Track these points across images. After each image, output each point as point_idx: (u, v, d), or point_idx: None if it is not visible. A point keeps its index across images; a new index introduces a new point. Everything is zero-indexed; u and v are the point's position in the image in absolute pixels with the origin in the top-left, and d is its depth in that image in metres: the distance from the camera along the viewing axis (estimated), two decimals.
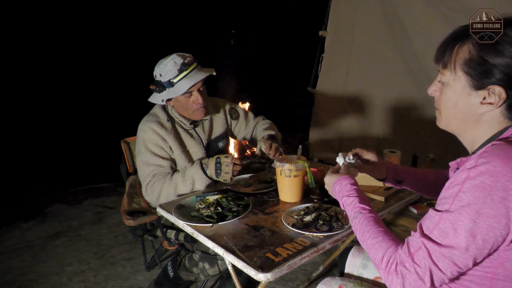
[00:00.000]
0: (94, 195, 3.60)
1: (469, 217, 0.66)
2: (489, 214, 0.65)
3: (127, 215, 1.73)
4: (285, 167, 1.35)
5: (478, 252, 0.67)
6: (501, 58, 0.69)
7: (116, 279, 2.16)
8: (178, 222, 1.27)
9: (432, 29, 2.45)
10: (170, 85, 1.54)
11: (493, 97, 0.72)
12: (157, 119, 1.65)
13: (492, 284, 0.72)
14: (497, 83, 0.71)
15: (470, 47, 0.73)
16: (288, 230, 1.16)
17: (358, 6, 3.00)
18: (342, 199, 0.96)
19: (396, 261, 0.75)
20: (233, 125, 1.94)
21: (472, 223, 0.66)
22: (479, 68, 0.72)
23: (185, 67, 1.53)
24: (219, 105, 1.87)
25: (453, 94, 0.78)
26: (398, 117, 2.90)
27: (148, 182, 1.57)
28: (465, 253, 0.67)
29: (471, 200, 0.67)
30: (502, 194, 0.65)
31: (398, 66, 2.79)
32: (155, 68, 1.58)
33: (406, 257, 0.73)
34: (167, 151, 1.62)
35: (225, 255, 1.05)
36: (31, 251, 2.52)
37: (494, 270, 0.71)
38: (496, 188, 0.65)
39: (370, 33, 2.95)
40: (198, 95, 1.58)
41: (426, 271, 0.70)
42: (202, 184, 1.53)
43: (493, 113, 0.75)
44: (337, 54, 3.25)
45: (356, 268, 1.24)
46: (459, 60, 0.75)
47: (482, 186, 0.66)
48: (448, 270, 0.69)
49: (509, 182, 0.65)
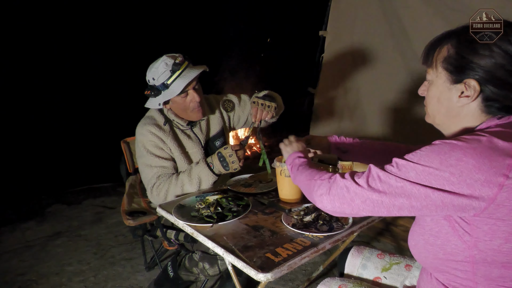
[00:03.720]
0: (94, 195, 3.60)
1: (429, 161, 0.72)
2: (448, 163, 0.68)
3: (127, 215, 1.73)
4: (285, 167, 1.35)
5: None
6: (475, 54, 0.76)
7: (116, 279, 2.16)
8: (178, 222, 1.27)
9: (432, 29, 2.44)
10: (165, 87, 1.52)
11: (469, 90, 0.78)
12: (154, 121, 1.63)
13: (474, 269, 0.74)
14: (473, 77, 0.77)
15: (449, 46, 0.80)
16: (288, 230, 1.16)
17: (358, 6, 2.99)
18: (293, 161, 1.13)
19: (334, 176, 0.86)
20: (230, 117, 1.91)
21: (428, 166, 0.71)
22: (456, 64, 0.79)
23: (177, 67, 1.51)
24: (212, 103, 1.85)
25: (436, 89, 0.85)
26: (398, 117, 2.90)
27: (153, 184, 1.56)
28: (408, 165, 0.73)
29: (435, 151, 0.72)
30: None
31: (398, 66, 2.79)
32: (147, 73, 1.56)
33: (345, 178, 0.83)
34: (167, 152, 1.62)
35: (225, 255, 1.05)
36: (31, 251, 2.52)
37: (470, 252, 0.73)
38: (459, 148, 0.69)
39: (370, 33, 2.94)
40: (194, 93, 1.57)
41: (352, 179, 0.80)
42: (209, 181, 1.53)
43: (471, 107, 0.80)
44: (337, 54, 3.25)
45: (355, 268, 1.24)
46: (440, 58, 0.82)
47: (447, 144, 0.71)
48: (375, 170, 0.77)
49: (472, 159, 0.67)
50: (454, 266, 0.77)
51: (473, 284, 0.76)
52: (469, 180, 0.66)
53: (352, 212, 0.80)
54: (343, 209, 0.81)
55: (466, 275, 0.76)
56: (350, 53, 3.14)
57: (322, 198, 0.84)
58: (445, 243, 0.76)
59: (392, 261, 1.20)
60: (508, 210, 0.67)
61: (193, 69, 1.55)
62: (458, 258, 0.75)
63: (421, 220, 0.83)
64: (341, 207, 0.81)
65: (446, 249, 0.76)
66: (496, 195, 0.66)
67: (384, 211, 0.75)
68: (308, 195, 0.94)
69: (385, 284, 1.16)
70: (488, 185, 0.66)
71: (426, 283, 0.90)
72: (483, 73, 0.75)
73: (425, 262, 0.85)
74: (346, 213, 0.81)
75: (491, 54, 0.74)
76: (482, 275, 0.74)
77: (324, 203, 0.84)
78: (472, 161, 0.66)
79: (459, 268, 0.76)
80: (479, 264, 0.73)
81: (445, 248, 0.76)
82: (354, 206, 0.78)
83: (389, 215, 0.76)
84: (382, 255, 1.24)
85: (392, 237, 2.46)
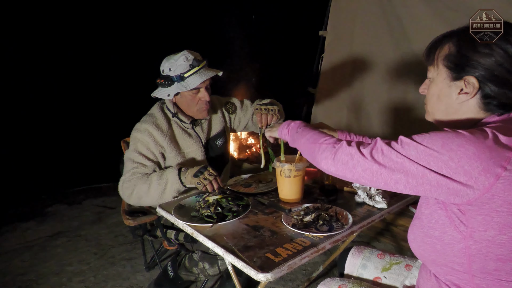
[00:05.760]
0: (94, 195, 3.61)
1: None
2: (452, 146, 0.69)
3: (127, 215, 1.74)
4: (285, 167, 1.35)
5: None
6: (476, 53, 0.77)
7: (116, 279, 2.16)
8: (178, 222, 1.27)
9: (432, 29, 2.45)
10: (181, 79, 1.54)
11: (468, 87, 0.80)
12: (154, 120, 1.64)
13: (469, 261, 0.75)
14: (472, 74, 0.78)
15: (450, 44, 0.83)
16: (288, 230, 1.16)
17: (358, 6, 3.00)
18: (289, 126, 1.15)
19: (339, 142, 0.87)
20: (232, 119, 1.93)
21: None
22: (456, 61, 0.81)
23: (197, 63, 1.55)
24: (215, 103, 1.86)
25: (436, 87, 0.87)
26: (398, 117, 2.90)
27: (127, 177, 1.54)
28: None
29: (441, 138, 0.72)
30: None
31: (398, 66, 2.79)
32: (163, 63, 1.58)
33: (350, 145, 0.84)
34: (156, 155, 1.60)
35: (225, 255, 1.05)
36: (31, 251, 2.52)
37: (466, 243, 0.74)
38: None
39: (370, 33, 2.95)
40: (205, 92, 1.61)
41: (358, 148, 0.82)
42: (173, 186, 1.46)
43: (470, 104, 0.81)
44: (337, 54, 3.25)
45: (355, 268, 1.24)
46: (441, 56, 0.84)
47: (450, 132, 0.73)
48: (379, 143, 0.79)
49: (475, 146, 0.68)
50: (451, 258, 0.78)
51: (469, 277, 0.77)
52: (467, 166, 0.67)
53: (353, 178, 0.83)
54: (344, 174, 0.84)
55: (462, 267, 0.77)
56: (350, 53, 3.15)
57: (327, 161, 0.87)
58: (442, 234, 0.78)
59: (392, 261, 1.20)
60: (502, 201, 0.68)
61: (210, 70, 1.60)
62: (455, 249, 0.76)
63: (420, 214, 0.86)
64: (343, 172, 0.84)
65: (444, 240, 0.78)
66: (492, 185, 0.67)
67: (381, 182, 0.78)
68: (309, 156, 0.96)
69: (385, 284, 1.16)
70: (485, 174, 0.66)
71: (425, 281, 0.91)
72: (483, 70, 0.77)
73: (424, 255, 0.86)
74: (347, 177, 0.84)
75: (491, 53, 0.75)
76: (478, 268, 0.75)
77: (329, 166, 0.86)
78: (472, 149, 0.67)
79: (455, 260, 0.77)
80: (475, 256, 0.74)
81: (443, 240, 0.78)
82: (355, 173, 0.81)
83: (386, 187, 0.78)
84: (382, 255, 1.24)
85: (392, 237, 2.46)
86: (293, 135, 1.12)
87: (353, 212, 1.28)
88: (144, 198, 1.49)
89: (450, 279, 0.81)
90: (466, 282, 0.78)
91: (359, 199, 1.39)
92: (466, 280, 0.78)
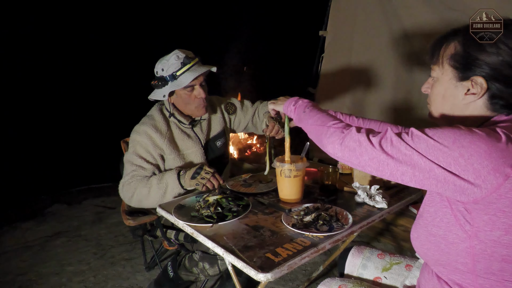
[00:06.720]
0: (94, 195, 3.60)
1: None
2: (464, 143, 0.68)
3: (127, 215, 1.73)
4: (285, 167, 1.35)
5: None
6: (482, 52, 0.76)
7: (116, 279, 2.16)
8: (178, 222, 1.27)
9: (432, 29, 2.45)
10: (173, 78, 1.54)
11: (476, 88, 0.78)
12: (153, 122, 1.63)
13: (474, 261, 0.74)
14: (480, 74, 0.77)
15: (456, 44, 0.81)
16: (288, 230, 1.16)
17: (358, 6, 2.99)
18: (297, 103, 1.14)
19: (349, 129, 0.86)
20: (231, 119, 1.93)
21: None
22: (463, 61, 0.79)
23: (188, 61, 1.55)
24: (214, 104, 1.86)
25: (441, 87, 0.85)
26: (398, 118, 2.90)
27: (126, 180, 1.55)
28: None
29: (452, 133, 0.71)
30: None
31: (398, 66, 2.79)
32: (156, 65, 1.58)
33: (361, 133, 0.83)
34: (155, 158, 1.60)
35: (225, 255, 1.05)
36: (31, 251, 2.52)
37: (471, 242, 0.73)
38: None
39: (370, 33, 2.94)
40: (200, 89, 1.60)
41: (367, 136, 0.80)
42: (174, 190, 1.47)
43: (477, 104, 0.80)
44: (337, 54, 3.25)
45: (356, 268, 1.24)
46: (446, 55, 0.83)
47: (461, 128, 0.72)
48: (389, 133, 0.77)
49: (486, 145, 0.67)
50: (455, 258, 0.77)
51: (473, 277, 0.76)
52: (477, 165, 0.66)
53: (359, 165, 0.82)
54: (351, 160, 0.83)
55: (466, 267, 0.76)
56: (350, 53, 3.14)
57: (334, 146, 0.86)
58: (446, 233, 0.77)
59: (392, 261, 1.20)
60: (509, 202, 0.67)
61: (203, 66, 1.59)
62: (459, 248, 0.75)
63: (425, 212, 0.85)
64: (350, 158, 0.83)
65: (448, 239, 0.77)
66: (500, 185, 0.66)
67: (387, 172, 0.76)
68: (316, 139, 0.95)
69: (386, 284, 1.16)
70: (494, 174, 0.65)
71: (427, 281, 0.90)
72: (490, 70, 0.76)
73: (427, 254, 0.85)
74: (353, 164, 0.83)
75: (498, 52, 0.74)
76: (482, 268, 0.74)
77: (335, 151, 0.86)
78: (484, 147, 0.66)
79: (459, 260, 0.76)
80: (479, 256, 0.73)
81: (447, 238, 0.77)
82: (361, 160, 0.80)
83: (391, 178, 0.77)
84: (382, 255, 1.24)
85: (392, 237, 2.46)
86: (299, 114, 1.09)
87: (353, 212, 1.27)
88: (144, 201, 1.51)
89: (453, 278, 0.81)
90: (469, 282, 0.77)
91: (359, 199, 1.38)
92: (470, 280, 0.77)
